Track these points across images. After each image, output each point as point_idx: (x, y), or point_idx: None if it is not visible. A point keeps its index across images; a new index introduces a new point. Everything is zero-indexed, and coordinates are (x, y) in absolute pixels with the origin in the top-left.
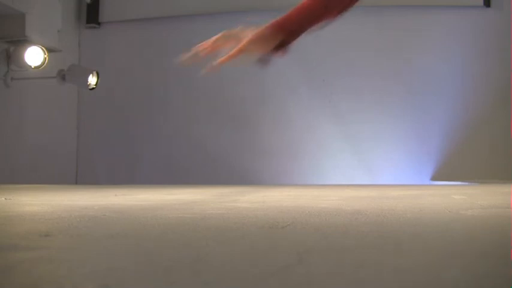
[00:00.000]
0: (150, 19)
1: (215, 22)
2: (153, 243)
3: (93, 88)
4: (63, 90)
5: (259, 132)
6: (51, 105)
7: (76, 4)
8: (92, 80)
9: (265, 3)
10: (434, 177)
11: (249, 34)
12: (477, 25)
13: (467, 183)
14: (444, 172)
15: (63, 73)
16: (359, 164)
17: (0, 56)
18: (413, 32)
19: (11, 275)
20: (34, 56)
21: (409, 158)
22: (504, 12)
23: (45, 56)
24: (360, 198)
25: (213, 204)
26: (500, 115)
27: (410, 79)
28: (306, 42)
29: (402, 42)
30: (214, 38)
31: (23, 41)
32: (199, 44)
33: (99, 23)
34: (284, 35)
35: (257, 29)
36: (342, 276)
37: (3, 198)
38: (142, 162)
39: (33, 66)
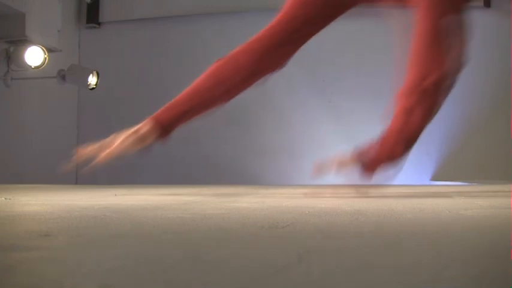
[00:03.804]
0: (150, 19)
1: (215, 22)
2: (153, 243)
3: (93, 88)
4: (63, 90)
5: (259, 132)
6: (51, 105)
7: (76, 4)
8: (92, 80)
9: (265, 3)
10: (434, 177)
11: (124, 135)
12: (477, 25)
13: (467, 183)
14: (444, 172)
15: (63, 73)
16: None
17: (0, 56)
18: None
19: (12, 275)
20: (34, 56)
21: (409, 158)
22: (504, 12)
23: (45, 56)
24: (360, 198)
25: (213, 204)
26: (500, 115)
27: None
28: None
29: (403, 43)
30: (100, 143)
31: (23, 41)
32: (89, 148)
33: (99, 23)
34: (162, 129)
35: (133, 129)
36: (342, 276)
37: (3, 198)
38: (142, 162)
39: (33, 66)
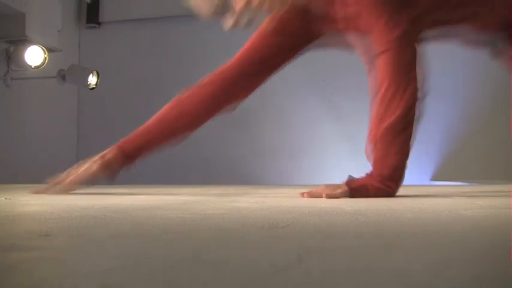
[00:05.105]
0: (150, 19)
1: (215, 22)
2: (153, 243)
3: (93, 88)
4: (63, 90)
5: (259, 132)
6: (51, 105)
7: (76, 4)
8: (92, 80)
9: None
10: (434, 177)
11: (90, 162)
12: None
13: (467, 183)
14: (444, 172)
15: (63, 73)
16: (359, 164)
17: (0, 56)
18: None
19: (12, 275)
20: (34, 56)
21: (409, 158)
22: None
23: (45, 56)
24: (360, 198)
25: (213, 204)
26: (500, 115)
27: None
28: None
29: None
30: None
31: (23, 41)
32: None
33: (99, 23)
34: (125, 157)
35: (98, 156)
36: (342, 276)
37: (3, 198)
38: (142, 162)
39: (33, 66)
